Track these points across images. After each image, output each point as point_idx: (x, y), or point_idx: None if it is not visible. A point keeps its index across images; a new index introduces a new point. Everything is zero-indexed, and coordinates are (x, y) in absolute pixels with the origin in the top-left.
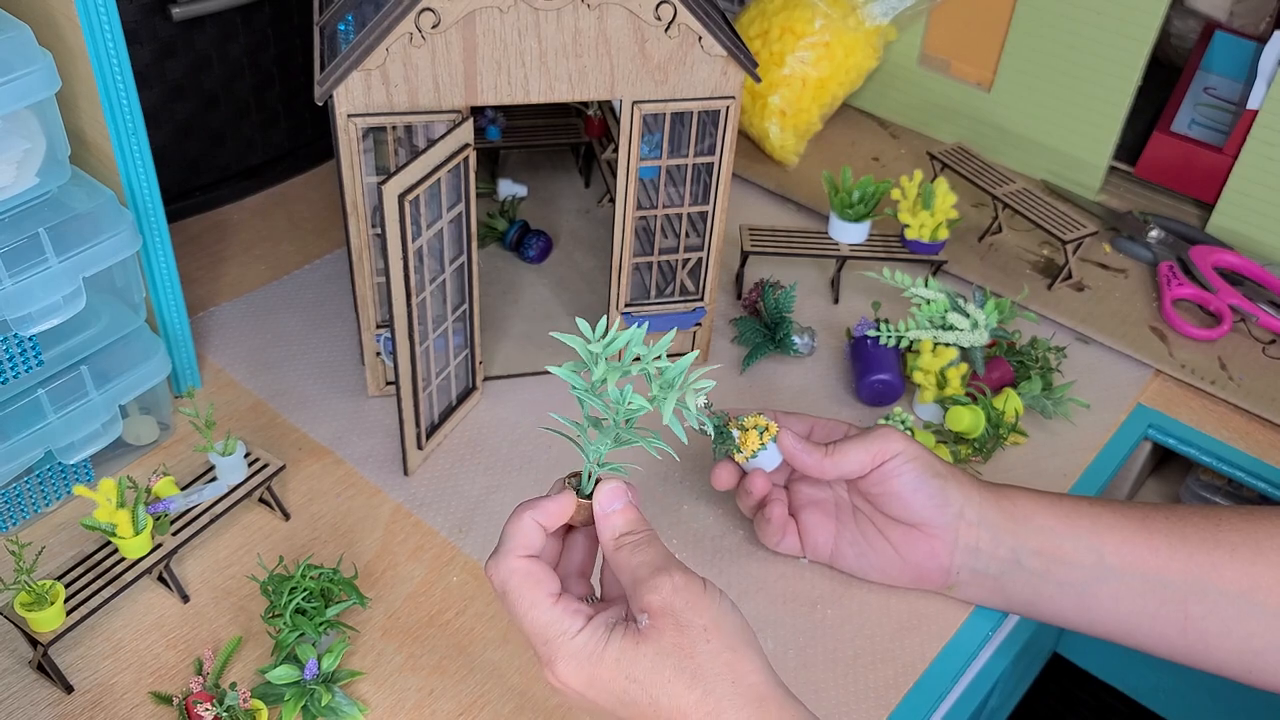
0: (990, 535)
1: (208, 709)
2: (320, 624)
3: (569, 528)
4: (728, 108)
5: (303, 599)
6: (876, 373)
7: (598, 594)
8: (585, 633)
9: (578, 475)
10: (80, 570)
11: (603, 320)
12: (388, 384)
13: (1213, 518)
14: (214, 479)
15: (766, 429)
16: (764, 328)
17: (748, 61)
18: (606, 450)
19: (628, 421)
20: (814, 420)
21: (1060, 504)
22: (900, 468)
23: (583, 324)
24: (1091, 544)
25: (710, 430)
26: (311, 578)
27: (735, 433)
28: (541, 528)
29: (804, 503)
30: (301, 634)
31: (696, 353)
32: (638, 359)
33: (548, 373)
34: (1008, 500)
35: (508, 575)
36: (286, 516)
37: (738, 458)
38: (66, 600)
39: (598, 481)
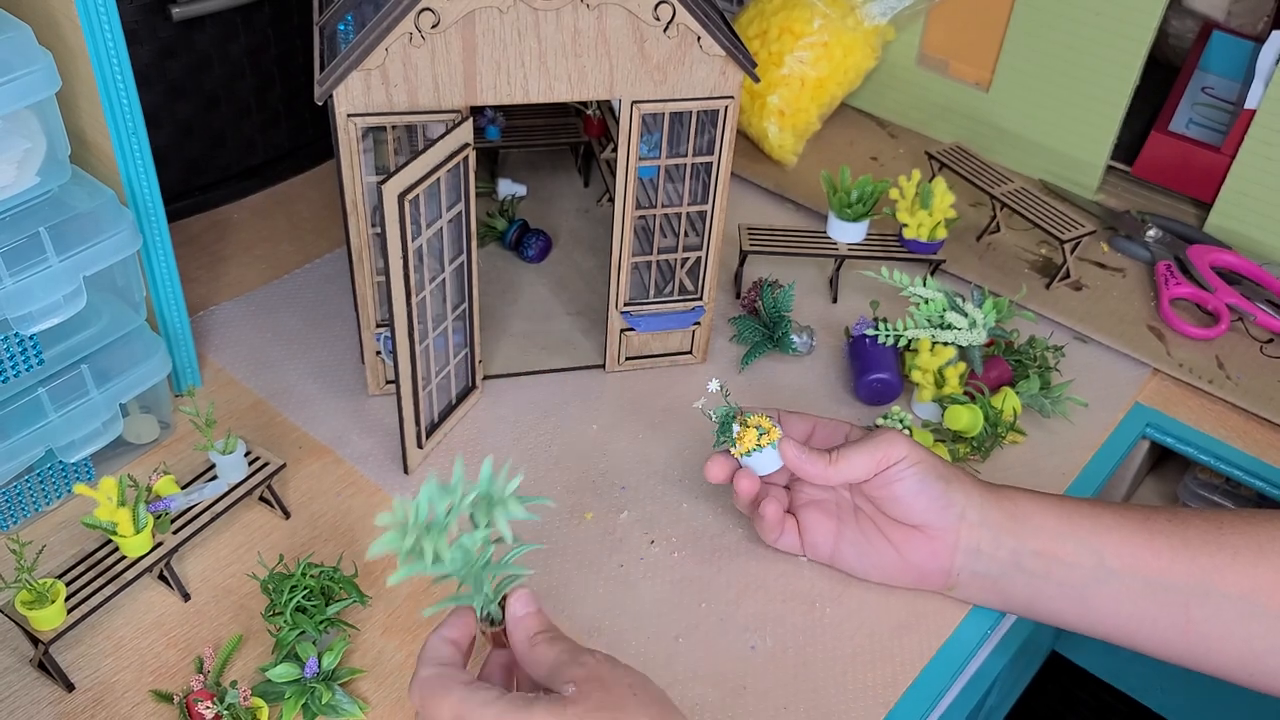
0: (991, 536)
1: (208, 707)
2: (321, 622)
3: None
4: (726, 107)
5: (303, 597)
6: (875, 371)
7: None
8: (506, 700)
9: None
10: (81, 569)
11: (399, 505)
12: (388, 383)
13: (1214, 520)
14: (214, 478)
15: (767, 432)
16: (762, 327)
17: (746, 61)
18: (486, 596)
19: (485, 565)
20: (816, 420)
21: (1061, 505)
22: (903, 472)
23: (386, 517)
24: (1092, 545)
25: (715, 418)
26: (312, 576)
27: (736, 426)
28: (451, 642)
29: (804, 502)
30: (302, 632)
31: (490, 458)
32: (449, 509)
33: (547, 372)
34: (1009, 501)
35: (420, 686)
36: (287, 515)
37: (732, 451)
38: (67, 599)
39: (502, 606)
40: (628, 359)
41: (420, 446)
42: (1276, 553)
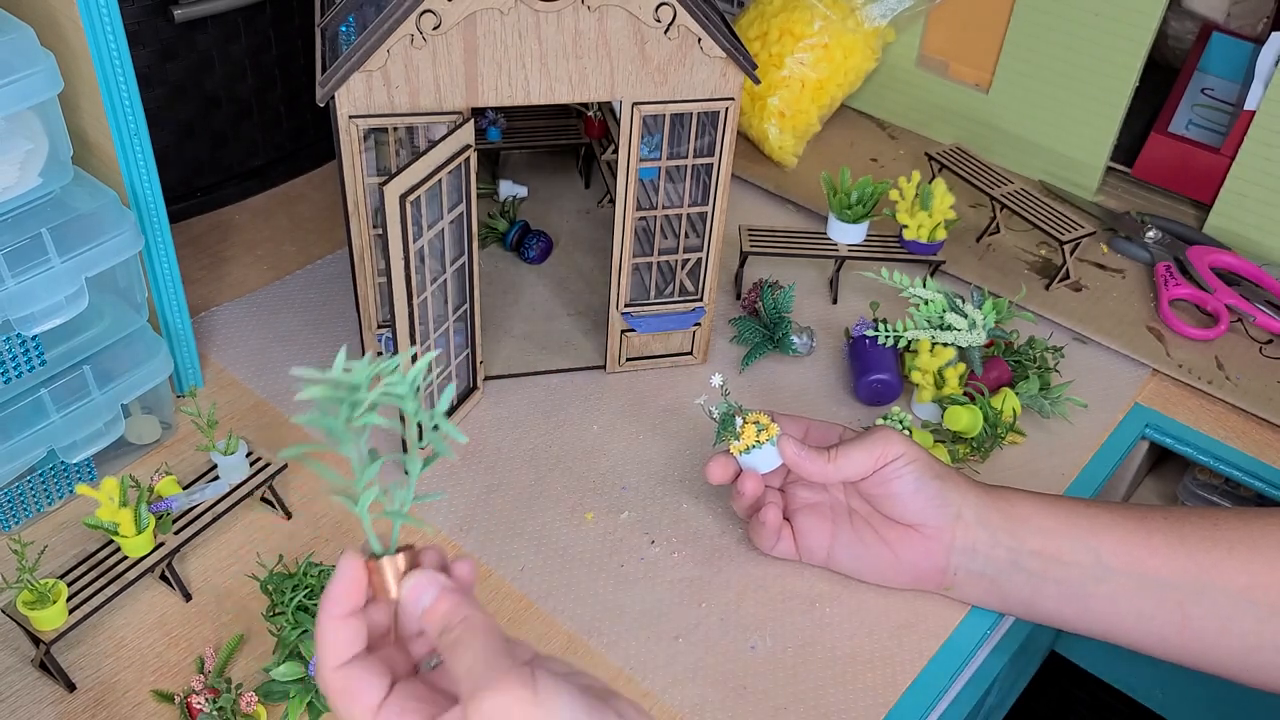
0: (988, 536)
1: (203, 702)
2: None
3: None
4: (727, 109)
5: (305, 596)
6: (875, 372)
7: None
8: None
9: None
10: (82, 569)
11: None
12: None
13: (1210, 517)
14: (216, 478)
15: (766, 428)
16: (763, 328)
17: (747, 63)
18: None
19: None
20: (809, 422)
21: (1058, 505)
22: (901, 470)
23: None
24: (1089, 544)
25: (717, 415)
26: (314, 575)
27: (739, 420)
28: (342, 620)
29: (799, 506)
30: (305, 631)
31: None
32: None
33: (548, 372)
34: (1005, 501)
35: (326, 689)
36: (288, 515)
37: (733, 447)
38: (69, 599)
39: (401, 550)
40: (628, 360)
41: (421, 447)
42: (1271, 548)
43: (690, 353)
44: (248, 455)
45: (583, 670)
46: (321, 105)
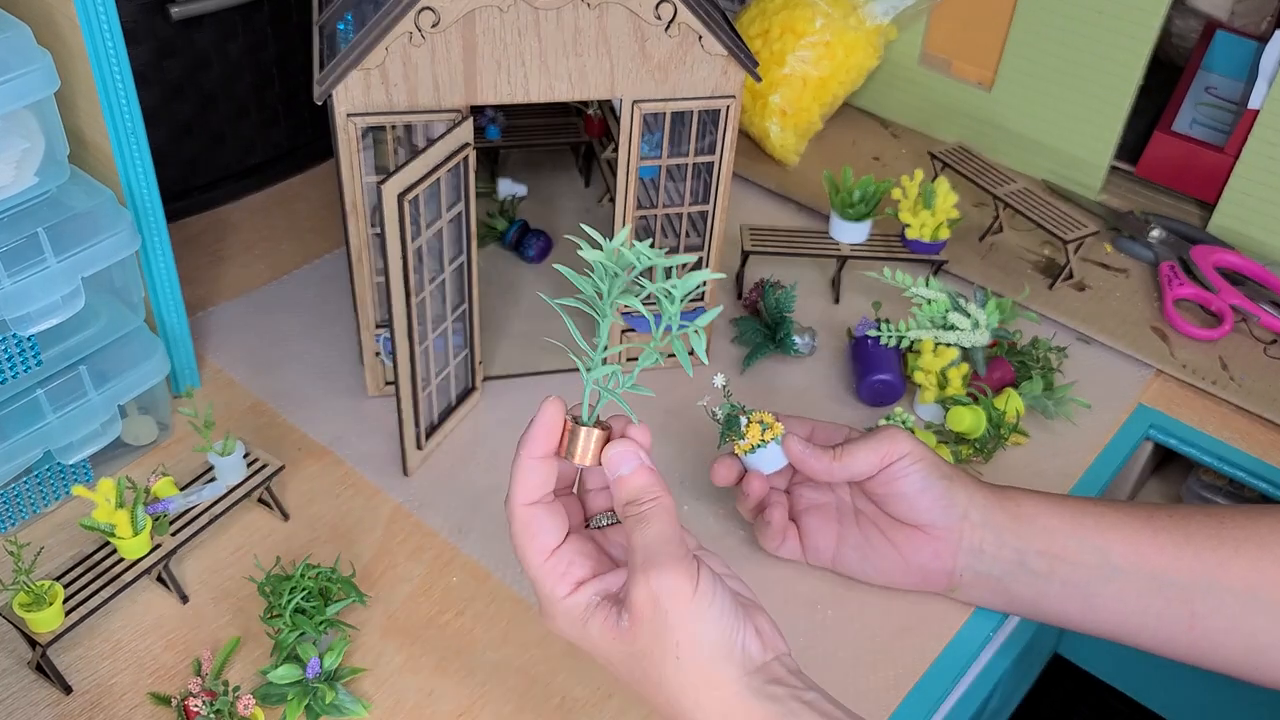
0: (994, 536)
1: (200, 705)
2: (320, 623)
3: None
4: (728, 107)
5: (302, 598)
6: (877, 373)
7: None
8: (570, 601)
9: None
10: (79, 571)
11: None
12: (387, 384)
13: (1216, 516)
14: (213, 479)
15: (770, 427)
16: (764, 327)
17: (748, 61)
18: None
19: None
20: (814, 423)
21: (1064, 504)
22: (907, 469)
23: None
24: (1096, 544)
25: (720, 416)
26: (310, 577)
27: (743, 420)
28: (540, 460)
29: (805, 507)
30: (302, 633)
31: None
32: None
33: (548, 373)
34: (1011, 502)
35: (510, 519)
36: (286, 517)
37: (738, 447)
38: (65, 601)
39: (599, 425)
40: (629, 360)
41: (420, 448)
42: (1278, 546)
43: (691, 353)
44: (245, 456)
45: (737, 574)
46: (319, 103)
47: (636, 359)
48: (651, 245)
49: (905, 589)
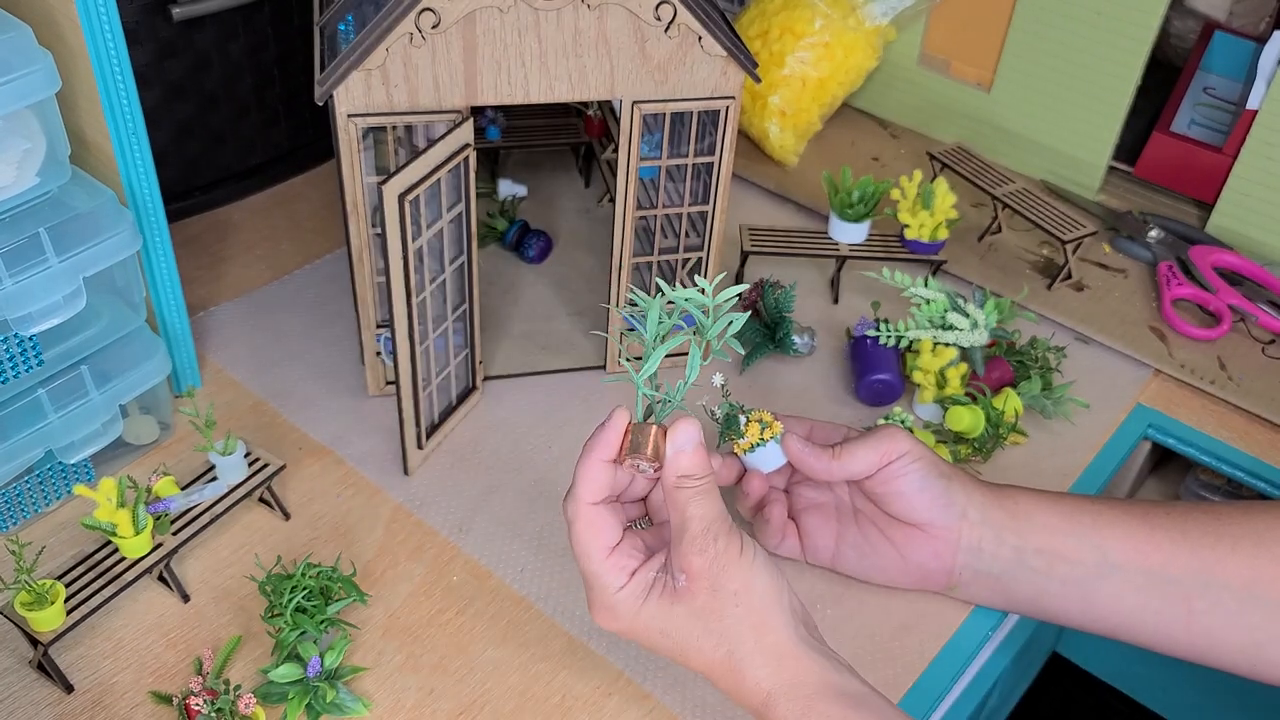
0: (993, 535)
1: (201, 704)
2: (321, 622)
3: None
4: (727, 108)
5: (303, 597)
6: (876, 373)
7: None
8: (627, 589)
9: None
10: (80, 570)
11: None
12: (388, 384)
13: (1213, 513)
14: (214, 479)
15: (770, 426)
16: (764, 327)
17: (747, 61)
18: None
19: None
20: (812, 423)
21: (1062, 502)
22: (906, 467)
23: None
24: (1094, 541)
25: (719, 415)
26: (311, 576)
27: (742, 419)
28: (608, 464)
29: (804, 506)
30: (303, 632)
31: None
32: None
33: (548, 373)
34: (1010, 500)
35: (574, 518)
36: (286, 516)
37: (737, 446)
38: (67, 600)
39: (651, 424)
40: (629, 360)
41: (420, 447)
42: (1275, 542)
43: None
44: (246, 455)
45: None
46: (320, 104)
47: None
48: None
49: (904, 588)
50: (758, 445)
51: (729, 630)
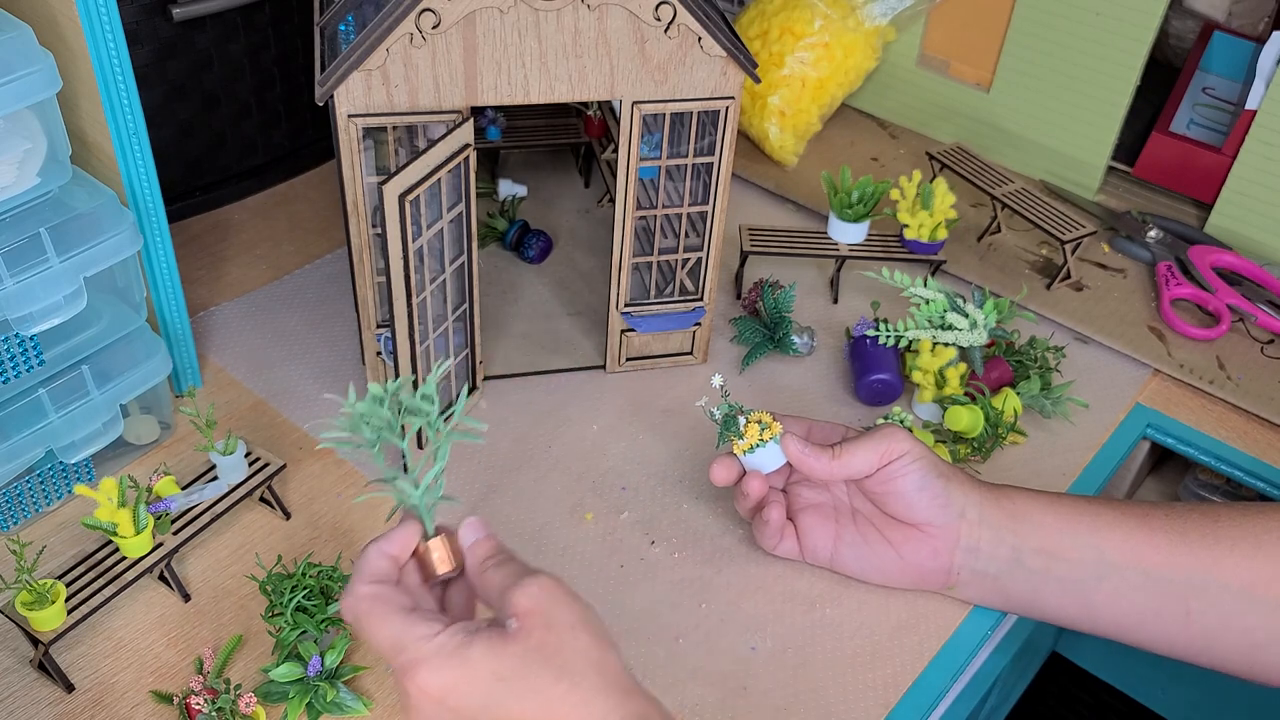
0: (991, 535)
1: (201, 703)
2: (322, 621)
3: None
4: (727, 108)
5: (304, 597)
6: (875, 372)
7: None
8: (446, 634)
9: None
10: (81, 569)
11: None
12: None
13: (1211, 514)
14: (215, 478)
15: (769, 426)
16: (763, 327)
17: (747, 62)
18: (428, 487)
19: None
20: (811, 423)
21: (1060, 503)
22: (906, 467)
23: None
24: (1092, 542)
25: (719, 416)
26: (311, 575)
27: (742, 419)
28: (390, 557)
29: (802, 506)
30: (303, 632)
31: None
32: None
33: (548, 373)
34: (1008, 500)
35: (355, 603)
36: (287, 516)
37: (736, 447)
38: (67, 599)
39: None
40: (628, 360)
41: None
42: (1273, 544)
43: (690, 353)
44: (246, 455)
45: None
46: (320, 104)
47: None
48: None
49: (903, 587)
50: (757, 446)
51: (570, 663)
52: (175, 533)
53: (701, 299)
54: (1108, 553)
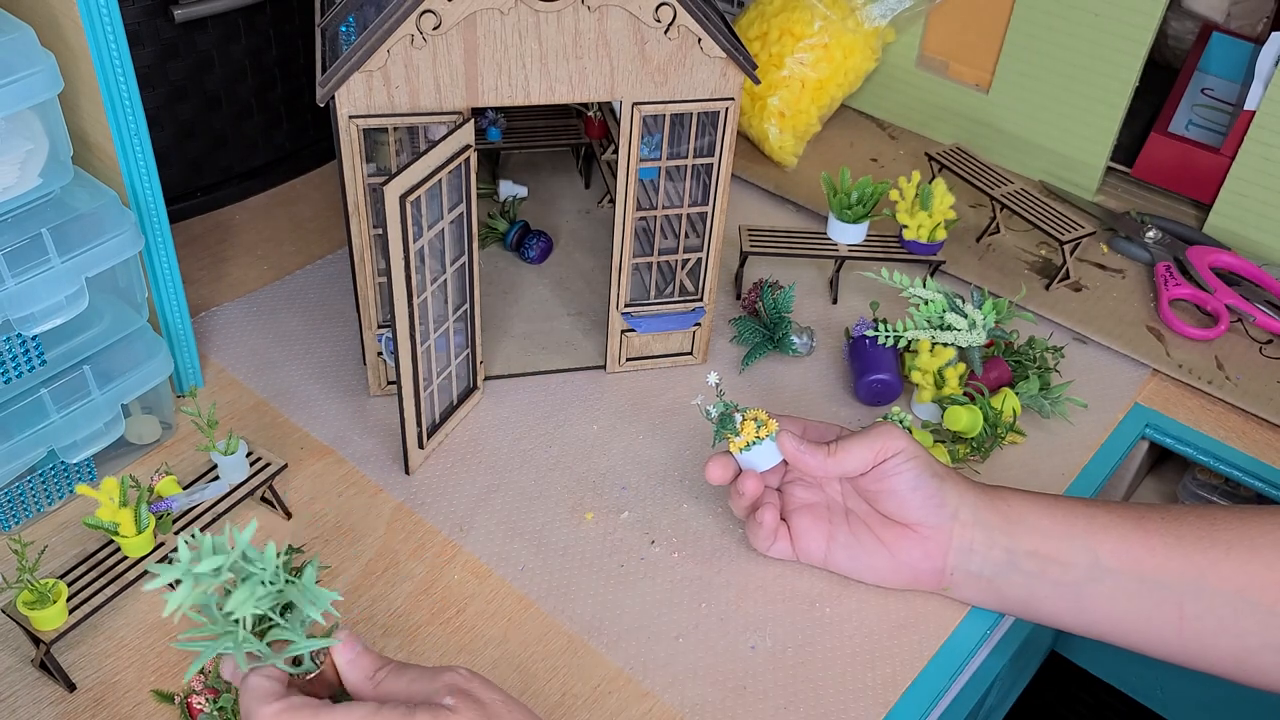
0: (985, 536)
1: (203, 702)
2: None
3: None
4: (727, 109)
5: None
6: (875, 372)
7: None
8: (388, 709)
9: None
10: (83, 569)
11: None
12: (389, 383)
13: (1208, 517)
14: (216, 478)
15: (765, 424)
16: (763, 328)
17: (747, 63)
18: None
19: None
20: (806, 422)
21: (1055, 505)
22: (900, 466)
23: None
24: (1087, 544)
25: (714, 414)
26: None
27: (738, 417)
28: (276, 679)
29: (796, 506)
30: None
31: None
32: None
33: (548, 373)
34: (1002, 501)
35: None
36: (288, 515)
37: (732, 444)
38: (69, 599)
39: (311, 656)
40: (628, 360)
41: (421, 447)
42: (1268, 548)
43: (690, 353)
44: (248, 455)
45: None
46: (322, 105)
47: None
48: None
49: (896, 587)
50: (753, 443)
51: None
52: (176, 532)
53: (701, 299)
54: (1103, 556)
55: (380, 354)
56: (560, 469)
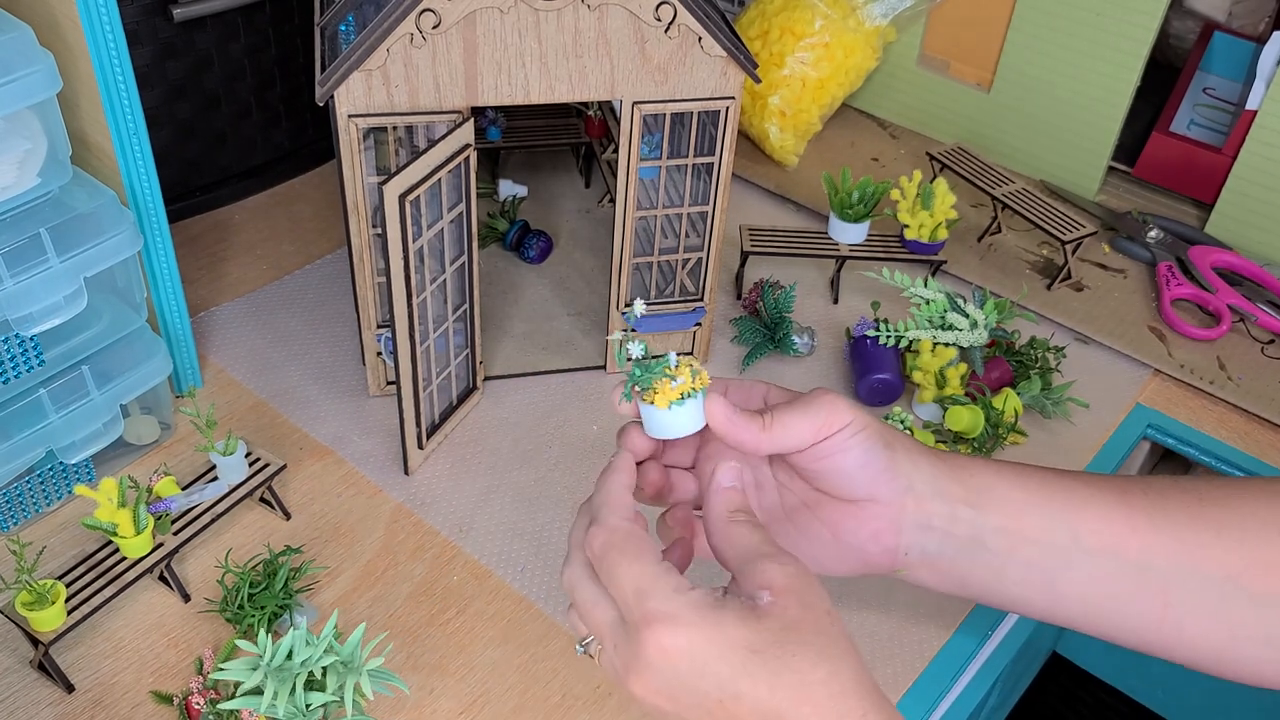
0: (946, 510)
1: (202, 703)
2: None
3: None
4: (727, 108)
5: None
6: (876, 372)
7: None
8: (700, 592)
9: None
10: (81, 570)
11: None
12: (388, 384)
13: (1193, 491)
14: (215, 478)
15: (699, 373)
16: (764, 328)
17: (747, 62)
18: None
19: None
20: (726, 381)
21: (1027, 475)
22: (848, 441)
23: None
24: (1065, 520)
25: (638, 354)
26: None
27: (673, 356)
28: (629, 489)
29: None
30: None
31: (363, 625)
32: (305, 660)
33: (548, 373)
34: (965, 472)
35: (608, 535)
36: (287, 516)
37: (659, 397)
38: (67, 600)
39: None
40: (629, 360)
41: (421, 447)
42: (1258, 528)
43: (691, 353)
44: (247, 455)
45: None
46: (321, 104)
47: None
48: None
49: (842, 575)
50: (687, 396)
51: (829, 650)
52: (175, 533)
53: (702, 299)
54: (1083, 535)
55: (380, 354)
56: (560, 469)
